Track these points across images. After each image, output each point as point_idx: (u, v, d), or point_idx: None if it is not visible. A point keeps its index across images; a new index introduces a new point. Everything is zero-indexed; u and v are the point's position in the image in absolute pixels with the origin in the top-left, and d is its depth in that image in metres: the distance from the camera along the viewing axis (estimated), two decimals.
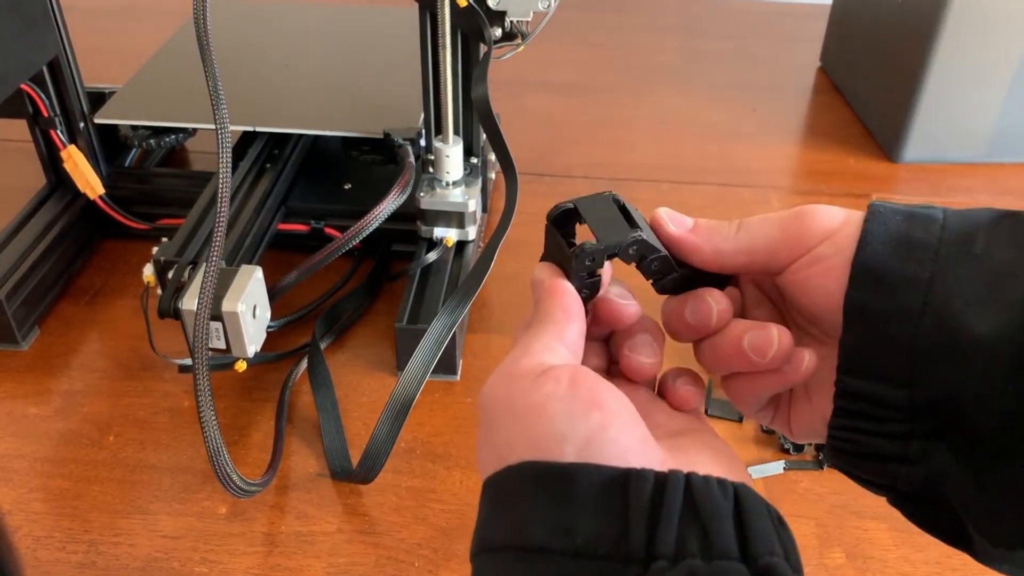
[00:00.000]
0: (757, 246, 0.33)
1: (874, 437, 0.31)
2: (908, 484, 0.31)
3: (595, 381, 0.28)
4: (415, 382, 0.57)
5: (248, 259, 0.69)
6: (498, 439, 0.29)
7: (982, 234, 0.30)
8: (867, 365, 0.30)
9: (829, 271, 0.31)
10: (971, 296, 0.28)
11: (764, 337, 0.32)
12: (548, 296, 0.32)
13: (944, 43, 0.88)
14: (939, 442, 0.29)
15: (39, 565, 0.55)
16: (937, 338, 0.28)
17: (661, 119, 1.06)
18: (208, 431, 0.51)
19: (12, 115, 0.74)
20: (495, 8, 0.65)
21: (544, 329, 0.31)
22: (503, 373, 0.30)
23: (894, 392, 0.29)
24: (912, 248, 0.30)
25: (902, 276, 0.29)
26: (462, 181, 0.73)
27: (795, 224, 0.32)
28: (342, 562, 0.55)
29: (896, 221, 0.30)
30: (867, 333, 0.30)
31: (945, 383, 0.28)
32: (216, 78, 0.53)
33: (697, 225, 0.34)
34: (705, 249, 0.33)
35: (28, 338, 0.71)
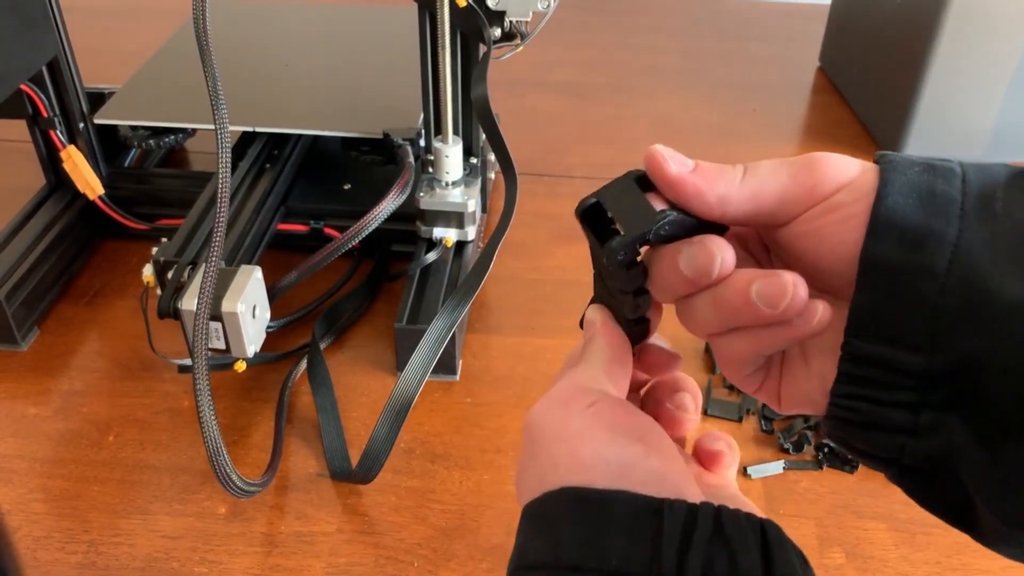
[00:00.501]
0: (766, 192, 0.29)
1: (882, 406, 0.28)
2: (915, 458, 0.28)
3: (637, 414, 0.30)
4: (415, 382, 0.57)
5: (248, 259, 0.69)
6: (544, 461, 0.30)
7: (1001, 191, 0.28)
8: (882, 327, 0.27)
9: (846, 220, 0.28)
10: (998, 255, 0.26)
11: (777, 285, 0.28)
12: (599, 335, 0.34)
13: (944, 43, 0.88)
14: (953, 413, 0.27)
15: (39, 565, 0.55)
16: (963, 299, 0.26)
17: (661, 119, 1.06)
18: (208, 431, 0.51)
19: (12, 115, 0.74)
20: (494, 8, 0.65)
21: (594, 365, 0.33)
22: (553, 400, 0.31)
23: (909, 357, 0.27)
24: (936, 201, 0.27)
25: (927, 230, 0.27)
26: (461, 181, 0.73)
27: (808, 171, 0.29)
28: (342, 562, 0.55)
29: (915, 172, 0.28)
30: (885, 291, 0.27)
31: (967, 348, 0.26)
32: (216, 78, 0.53)
33: (699, 167, 0.30)
34: (708, 194, 0.30)
35: (28, 338, 0.71)
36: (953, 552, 0.56)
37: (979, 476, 0.27)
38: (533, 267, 0.80)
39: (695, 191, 0.30)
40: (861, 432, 0.29)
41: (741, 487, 0.60)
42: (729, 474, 0.35)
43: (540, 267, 0.80)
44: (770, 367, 0.33)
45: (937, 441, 0.28)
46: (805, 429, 0.63)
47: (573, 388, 0.31)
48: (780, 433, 0.64)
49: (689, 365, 0.69)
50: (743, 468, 0.61)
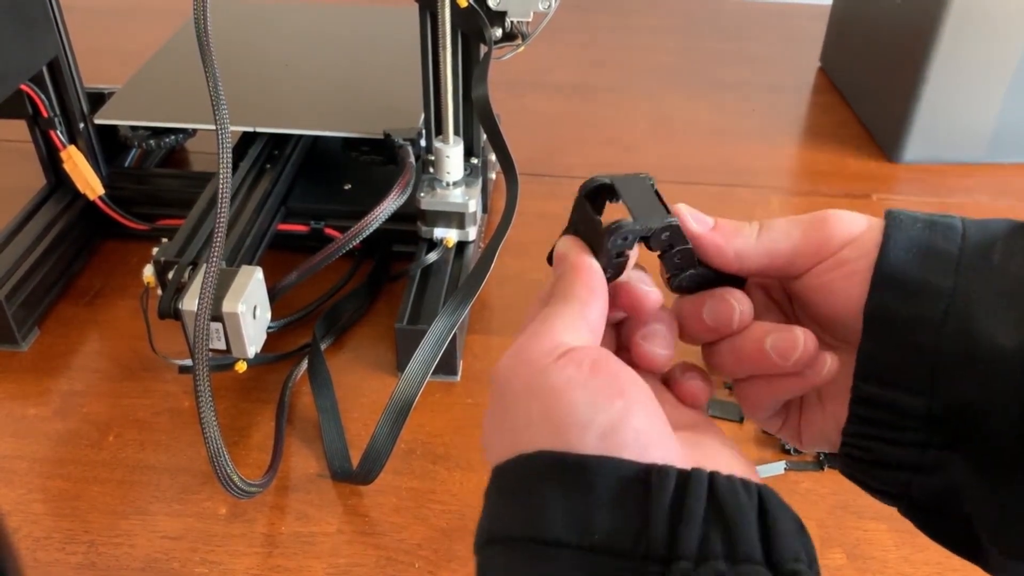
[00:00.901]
0: (779, 249, 0.32)
1: (890, 445, 0.30)
2: (922, 494, 0.30)
3: (617, 366, 0.27)
4: (415, 383, 0.57)
5: (248, 260, 0.69)
6: (514, 421, 0.28)
7: (1000, 244, 0.30)
8: (885, 372, 0.30)
9: (852, 275, 0.30)
10: (992, 306, 0.28)
11: (788, 339, 0.31)
12: (572, 271, 0.31)
13: (944, 43, 0.88)
14: (955, 452, 0.29)
15: (39, 566, 0.55)
16: (958, 347, 0.28)
17: (661, 119, 1.05)
18: (208, 432, 0.51)
19: (12, 115, 0.74)
20: (495, 8, 0.65)
21: (566, 306, 0.30)
22: (521, 350, 0.29)
23: (912, 400, 0.29)
24: (934, 257, 0.29)
25: (925, 284, 0.29)
26: (462, 181, 0.73)
27: (818, 228, 0.31)
28: (342, 563, 0.55)
29: (917, 229, 0.30)
30: (887, 340, 0.30)
31: (964, 393, 0.28)
32: (216, 78, 0.53)
33: (719, 225, 0.33)
34: (727, 250, 0.32)
35: (28, 339, 0.71)
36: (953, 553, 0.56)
37: (981, 512, 0.29)
38: (534, 267, 0.79)
39: (714, 248, 0.32)
40: (872, 469, 0.31)
41: None
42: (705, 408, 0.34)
43: (541, 267, 0.79)
44: (790, 409, 0.35)
45: (942, 478, 0.29)
46: None
47: (545, 336, 0.29)
48: (788, 442, 0.63)
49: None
50: None
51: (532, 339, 0.29)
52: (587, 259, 0.32)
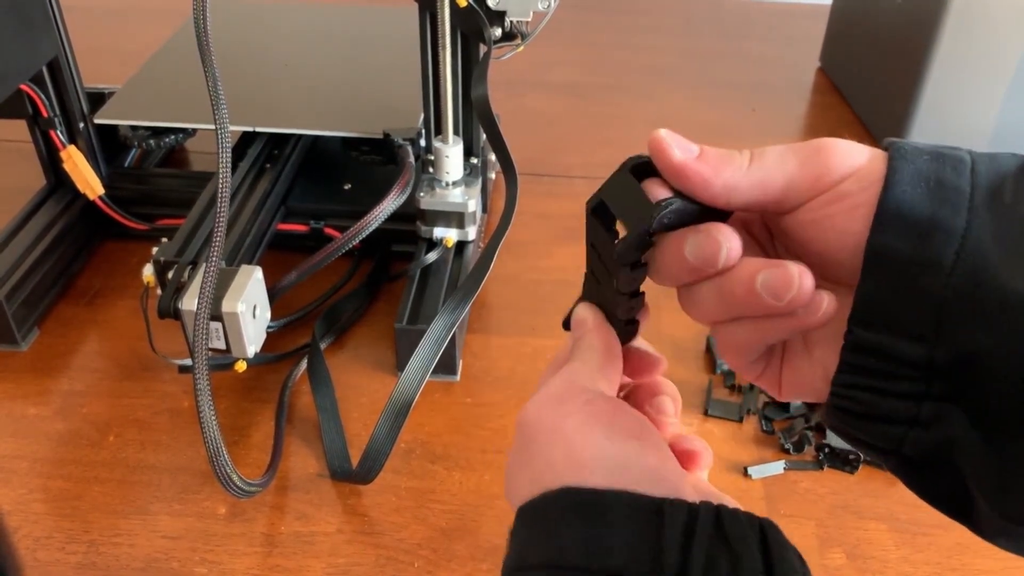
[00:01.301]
0: (772, 180, 0.29)
1: (884, 396, 0.28)
2: (915, 449, 0.28)
3: (634, 412, 0.31)
4: (415, 382, 0.57)
5: (248, 259, 0.69)
6: (539, 464, 0.30)
7: (1010, 182, 0.27)
8: (886, 317, 0.27)
9: (854, 209, 0.28)
10: (1005, 249, 0.26)
11: (782, 277, 0.28)
12: (592, 334, 0.34)
13: (944, 43, 0.88)
14: (954, 405, 0.27)
15: (39, 566, 0.55)
16: (969, 293, 0.26)
17: (661, 119, 1.05)
18: (208, 431, 0.51)
19: (12, 115, 0.74)
20: (495, 8, 0.65)
21: (587, 363, 0.33)
22: (549, 396, 0.31)
23: (912, 348, 0.27)
24: (945, 192, 0.27)
25: (935, 222, 0.26)
26: (462, 181, 0.73)
27: (816, 158, 0.29)
28: (342, 562, 0.55)
29: (923, 160, 0.28)
30: (890, 282, 0.27)
31: (972, 341, 0.26)
32: (216, 78, 0.53)
33: (704, 153, 0.29)
34: (714, 182, 0.29)
35: (28, 339, 0.71)
36: (953, 553, 0.56)
37: (979, 470, 0.27)
38: (533, 267, 0.79)
39: (700, 179, 0.29)
40: (862, 422, 0.29)
41: (742, 487, 0.60)
42: (703, 475, 0.34)
43: (540, 267, 0.80)
44: (772, 355, 0.33)
45: (938, 433, 0.27)
46: (805, 429, 0.63)
47: (568, 385, 0.31)
48: (781, 433, 0.64)
49: (689, 365, 0.70)
50: (744, 468, 0.61)
51: (557, 387, 0.32)
52: (604, 324, 0.34)
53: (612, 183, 0.31)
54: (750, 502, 0.59)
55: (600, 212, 0.31)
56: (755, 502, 0.59)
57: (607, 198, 0.31)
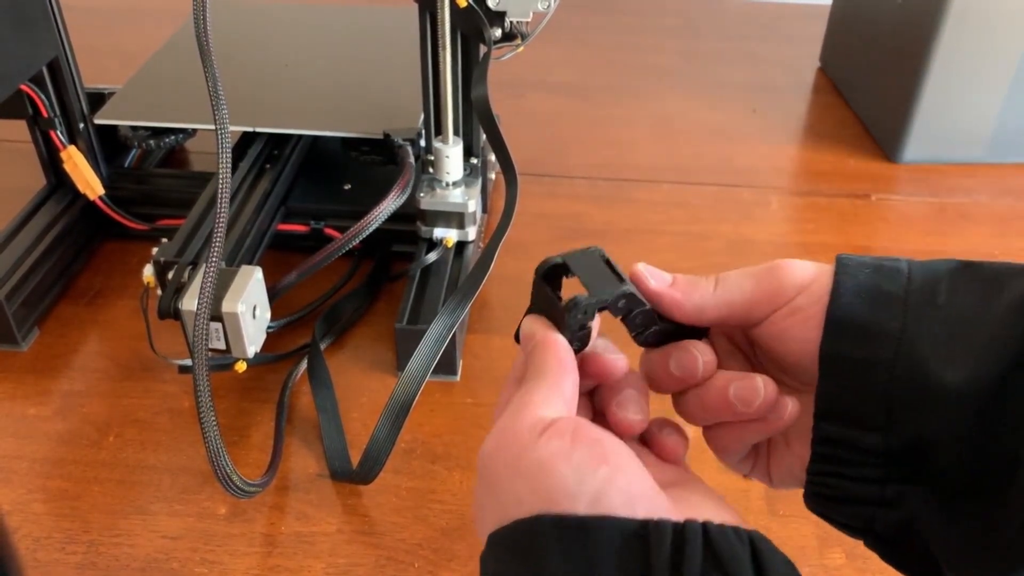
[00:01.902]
0: (736, 300, 0.34)
1: (851, 481, 0.32)
2: (885, 526, 0.32)
3: (598, 433, 0.29)
4: (415, 382, 0.57)
5: (248, 260, 0.69)
6: (505, 497, 0.29)
7: (944, 283, 0.31)
8: (843, 411, 0.31)
9: (806, 321, 0.32)
10: (938, 346, 0.30)
11: (750, 387, 0.33)
12: (542, 349, 0.33)
13: (944, 43, 0.88)
14: (913, 486, 0.31)
15: (39, 566, 0.55)
16: (909, 386, 0.30)
17: (661, 119, 1.06)
18: (208, 432, 0.51)
19: (12, 116, 0.74)
20: (495, 9, 0.65)
21: (540, 383, 0.32)
22: (504, 431, 0.30)
23: (869, 437, 0.31)
24: (882, 300, 0.31)
25: (874, 327, 0.31)
26: (462, 182, 0.73)
27: (770, 278, 0.33)
28: (342, 563, 0.55)
29: (865, 274, 0.32)
30: (843, 381, 0.31)
31: (917, 429, 0.30)
32: (216, 78, 0.53)
33: (676, 280, 0.35)
34: (686, 305, 0.34)
35: (28, 339, 0.71)
36: None
37: (941, 541, 0.30)
38: (533, 267, 0.79)
39: (674, 303, 0.34)
40: (836, 505, 0.33)
41: (741, 487, 0.60)
42: (685, 461, 0.36)
43: None
44: (759, 451, 0.37)
45: (902, 511, 0.31)
46: None
47: (524, 414, 0.30)
48: None
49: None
50: None
51: (512, 419, 0.30)
52: (553, 335, 0.33)
53: (576, 256, 0.34)
54: (750, 502, 0.59)
55: (549, 276, 0.35)
56: (755, 502, 0.59)
57: (572, 263, 0.34)
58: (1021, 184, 0.95)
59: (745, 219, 0.88)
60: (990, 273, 0.32)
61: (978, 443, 0.29)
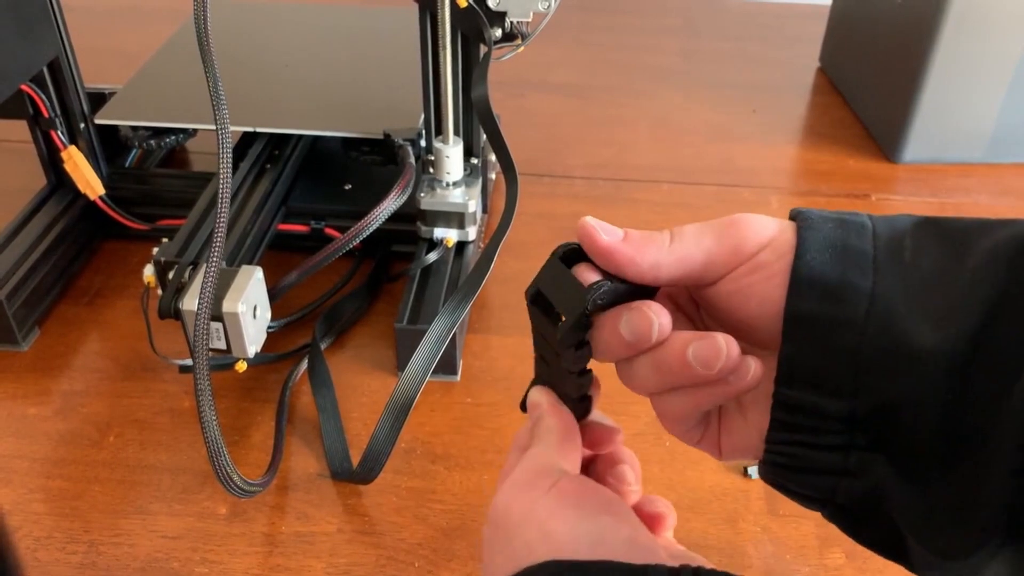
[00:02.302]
0: (693, 256, 0.31)
1: (813, 450, 0.30)
2: (847, 498, 0.30)
3: (601, 488, 0.32)
4: (415, 382, 0.57)
5: (248, 259, 0.69)
6: (516, 546, 0.31)
7: (909, 241, 0.30)
8: (808, 376, 0.29)
9: (769, 279, 0.30)
10: (909, 305, 0.28)
11: (711, 347, 0.30)
12: (549, 416, 0.35)
13: (944, 43, 0.88)
14: (879, 453, 0.29)
15: (39, 566, 0.55)
16: (880, 348, 0.28)
17: (661, 119, 1.06)
18: (208, 431, 0.51)
19: (12, 116, 0.74)
20: (495, 9, 0.65)
21: (547, 446, 0.34)
22: (516, 485, 0.32)
23: (835, 403, 0.29)
24: (851, 255, 0.29)
25: (844, 285, 0.29)
26: (462, 182, 0.73)
27: (731, 233, 0.31)
28: (342, 562, 0.55)
29: (828, 228, 0.30)
30: (809, 343, 0.29)
31: (886, 393, 0.28)
32: (216, 78, 0.53)
33: (628, 236, 0.32)
34: (640, 262, 0.31)
35: (28, 339, 0.71)
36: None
37: (906, 511, 0.29)
38: (534, 267, 0.79)
39: (627, 259, 0.31)
40: (795, 475, 0.31)
41: (741, 487, 0.60)
42: (669, 535, 0.36)
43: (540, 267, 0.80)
44: (709, 420, 0.35)
45: (866, 480, 0.29)
46: None
47: (533, 471, 0.33)
48: None
49: None
50: (744, 468, 0.61)
51: (522, 476, 0.33)
52: (558, 406, 0.36)
53: (545, 272, 0.33)
54: (750, 502, 0.59)
55: (539, 300, 0.34)
56: (755, 502, 0.59)
57: (542, 287, 0.33)
58: (1020, 184, 0.95)
59: None
60: (955, 230, 0.30)
61: (948, 407, 0.27)
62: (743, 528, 0.57)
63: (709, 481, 0.60)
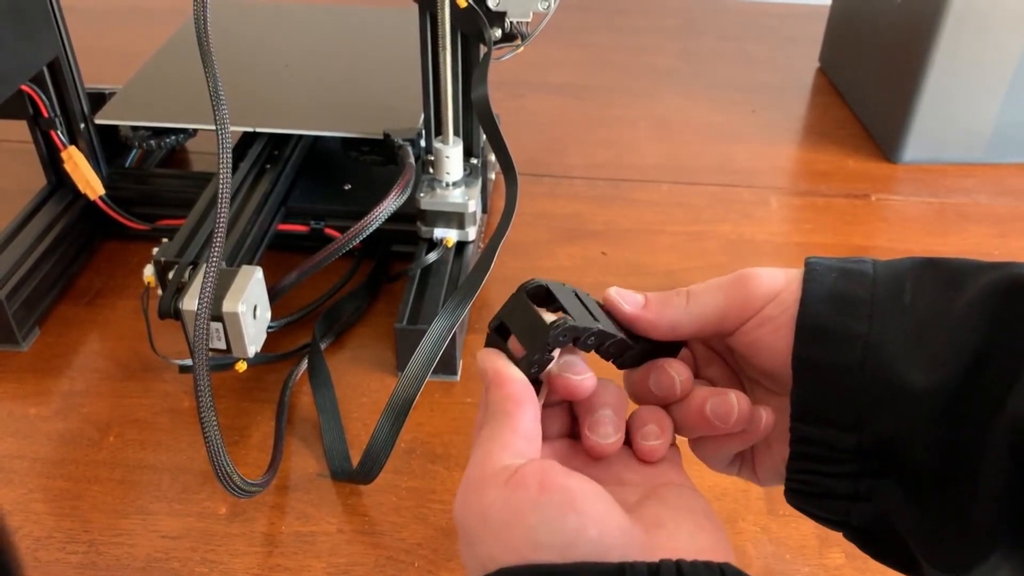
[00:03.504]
0: (708, 314, 0.35)
1: (827, 478, 0.33)
2: (861, 519, 0.33)
3: (564, 478, 0.28)
4: (415, 382, 0.57)
5: (248, 260, 0.69)
6: (480, 552, 0.29)
7: (909, 282, 0.32)
8: (817, 413, 0.32)
9: (777, 331, 0.33)
10: (904, 347, 0.31)
11: (725, 404, 0.34)
12: (496, 387, 0.32)
13: (943, 43, 0.88)
14: (886, 479, 0.32)
15: (39, 566, 0.55)
16: (878, 387, 0.31)
17: (661, 119, 1.06)
18: (208, 431, 0.51)
19: (12, 116, 0.74)
20: (495, 9, 0.65)
21: (499, 426, 0.31)
22: (470, 483, 0.30)
23: (843, 436, 0.32)
24: (849, 304, 0.32)
25: (843, 332, 0.32)
26: (462, 182, 0.73)
27: (739, 290, 0.34)
28: (342, 562, 0.55)
29: (832, 279, 0.33)
30: (815, 385, 0.32)
31: (887, 427, 0.31)
32: (216, 78, 0.53)
33: (648, 301, 0.35)
34: (660, 324, 0.35)
35: (28, 339, 0.71)
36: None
37: (912, 530, 0.31)
38: (534, 267, 0.80)
39: (648, 324, 0.35)
40: (814, 500, 0.34)
41: (741, 487, 0.60)
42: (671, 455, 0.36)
43: (540, 267, 0.80)
44: (744, 454, 0.38)
45: (876, 504, 0.32)
46: None
47: (486, 464, 0.30)
48: None
49: None
50: None
51: (477, 468, 0.30)
52: (506, 371, 0.32)
53: (509, 307, 0.34)
54: (749, 502, 0.59)
55: (501, 331, 0.35)
56: (754, 502, 0.59)
57: (507, 320, 0.34)
58: (1020, 184, 0.95)
59: (744, 219, 0.88)
60: (951, 271, 0.32)
61: (943, 440, 0.30)
62: (743, 528, 0.57)
63: (709, 481, 0.60)
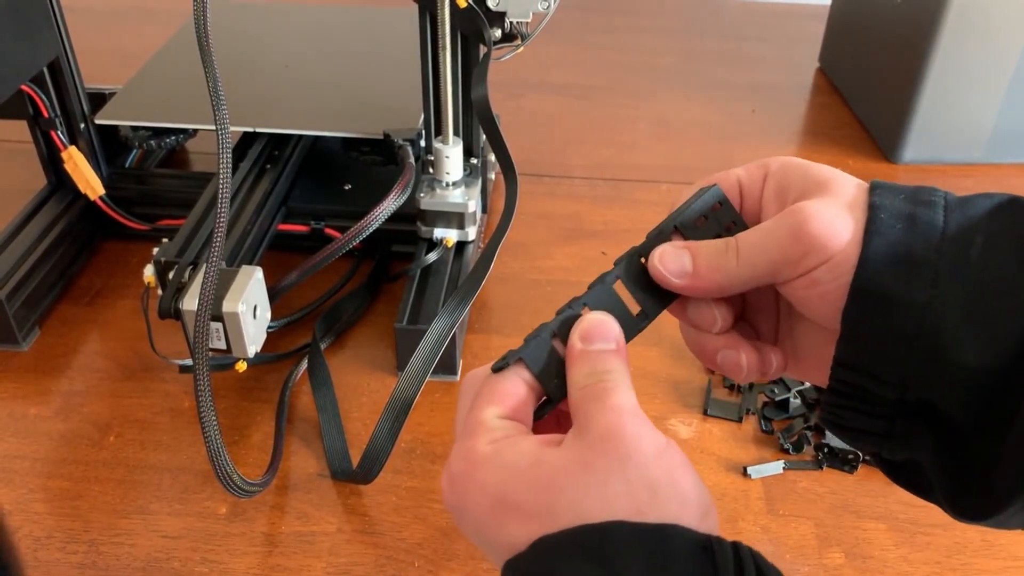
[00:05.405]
0: (759, 275, 0.33)
1: (862, 415, 0.33)
2: (891, 454, 0.34)
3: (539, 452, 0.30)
4: (415, 382, 0.57)
5: (248, 260, 0.69)
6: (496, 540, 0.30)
7: (980, 234, 0.30)
8: (861, 367, 0.32)
9: (825, 295, 0.32)
10: (963, 322, 0.30)
11: (734, 360, 0.35)
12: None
13: (943, 43, 0.88)
14: (919, 426, 0.32)
15: (39, 565, 0.55)
16: (925, 361, 0.30)
17: (661, 119, 1.06)
18: (208, 431, 0.51)
19: (12, 116, 0.74)
20: (495, 9, 0.65)
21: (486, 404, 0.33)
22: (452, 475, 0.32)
23: (884, 388, 0.31)
24: (913, 266, 0.30)
25: (901, 299, 0.30)
26: (462, 182, 0.73)
27: (794, 245, 0.32)
28: (342, 562, 0.55)
29: (897, 232, 0.31)
30: (863, 344, 0.31)
31: (931, 394, 0.31)
32: (216, 78, 0.53)
33: (697, 269, 0.34)
34: (709, 289, 0.34)
35: (28, 339, 0.71)
36: (953, 552, 0.56)
37: (939, 479, 0.32)
38: (533, 267, 0.80)
39: (699, 293, 0.35)
40: (848, 432, 0.34)
41: (741, 487, 0.60)
42: None
43: (540, 267, 0.80)
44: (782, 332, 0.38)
45: (907, 446, 0.33)
46: (804, 429, 0.64)
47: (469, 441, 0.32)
48: (780, 433, 0.64)
49: (689, 365, 0.70)
50: (743, 468, 0.61)
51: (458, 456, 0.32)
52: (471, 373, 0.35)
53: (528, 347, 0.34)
54: (749, 502, 0.59)
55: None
56: (754, 502, 0.59)
57: (526, 359, 0.34)
58: (1020, 184, 0.95)
59: None
60: None
61: (985, 406, 0.29)
62: (743, 528, 0.57)
63: (709, 481, 0.60)
